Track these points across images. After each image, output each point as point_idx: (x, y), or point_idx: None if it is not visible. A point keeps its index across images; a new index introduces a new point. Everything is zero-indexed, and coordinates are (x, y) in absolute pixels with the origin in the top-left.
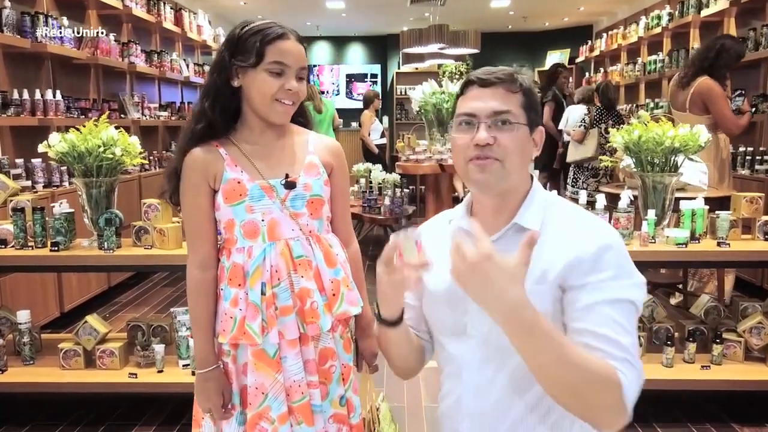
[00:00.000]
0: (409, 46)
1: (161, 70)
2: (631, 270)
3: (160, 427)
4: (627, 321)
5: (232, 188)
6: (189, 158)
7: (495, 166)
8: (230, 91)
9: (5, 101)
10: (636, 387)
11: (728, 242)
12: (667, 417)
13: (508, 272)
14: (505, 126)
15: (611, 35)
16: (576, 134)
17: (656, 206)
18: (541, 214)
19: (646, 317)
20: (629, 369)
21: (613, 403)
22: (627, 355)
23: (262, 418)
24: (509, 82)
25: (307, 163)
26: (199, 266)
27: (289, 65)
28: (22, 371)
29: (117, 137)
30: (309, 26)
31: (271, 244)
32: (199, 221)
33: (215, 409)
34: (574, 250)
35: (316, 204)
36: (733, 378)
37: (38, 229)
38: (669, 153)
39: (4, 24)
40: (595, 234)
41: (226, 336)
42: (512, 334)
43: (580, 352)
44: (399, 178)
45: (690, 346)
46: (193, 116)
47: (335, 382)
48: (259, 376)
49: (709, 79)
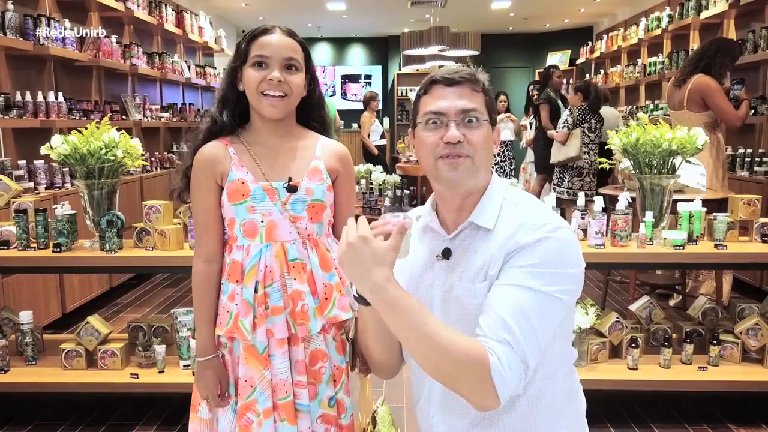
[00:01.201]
0: (409, 47)
1: (163, 72)
2: (564, 263)
3: (161, 427)
4: (532, 310)
5: (236, 188)
6: (199, 156)
7: (466, 163)
8: (237, 96)
9: (8, 103)
10: (512, 372)
11: (725, 244)
12: (664, 418)
13: (377, 254)
14: (472, 123)
15: (612, 37)
16: (559, 135)
17: (654, 208)
18: (496, 211)
19: (644, 318)
20: (506, 351)
21: (477, 381)
22: (510, 337)
23: (249, 410)
24: (473, 81)
25: (312, 168)
26: (204, 260)
27: (269, 56)
28: (25, 371)
29: (118, 139)
30: (310, 27)
31: (268, 245)
32: (206, 217)
33: (212, 397)
34: (513, 244)
35: (317, 208)
36: (730, 379)
37: (41, 231)
38: (666, 155)
39: (7, 26)
40: (538, 227)
41: (222, 328)
42: (380, 311)
43: (447, 331)
44: (399, 179)
45: (687, 347)
46: (205, 117)
47: (325, 383)
48: (249, 369)
49: (705, 75)
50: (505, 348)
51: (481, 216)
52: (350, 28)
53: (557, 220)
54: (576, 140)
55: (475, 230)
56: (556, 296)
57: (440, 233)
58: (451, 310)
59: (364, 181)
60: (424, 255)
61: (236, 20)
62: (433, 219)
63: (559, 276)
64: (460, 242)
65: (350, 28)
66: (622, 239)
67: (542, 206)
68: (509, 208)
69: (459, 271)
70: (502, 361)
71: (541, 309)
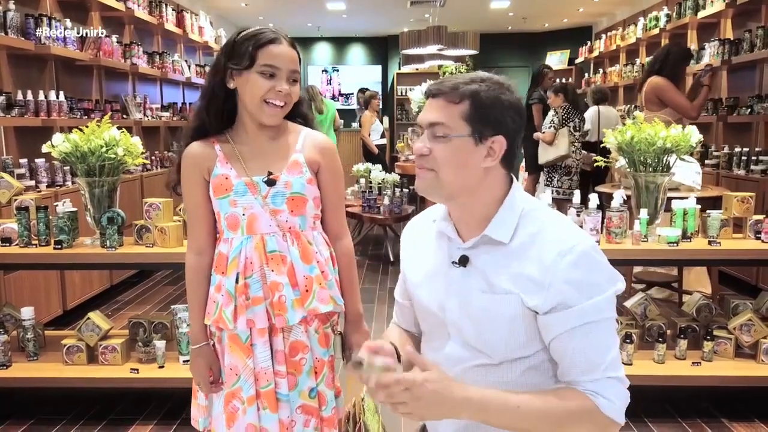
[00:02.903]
0: (408, 47)
1: (163, 71)
2: (599, 281)
3: (161, 422)
4: (601, 339)
5: (220, 183)
6: (186, 153)
7: (429, 176)
8: (225, 93)
9: (9, 102)
10: (621, 397)
11: (719, 241)
12: (658, 413)
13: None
14: (437, 138)
15: (610, 36)
16: (546, 136)
17: (649, 205)
18: (513, 225)
19: (639, 315)
20: (610, 386)
21: (597, 425)
22: (607, 373)
23: (235, 397)
24: (450, 93)
25: (292, 162)
26: (195, 252)
27: (279, 67)
28: (26, 366)
29: (119, 137)
30: (310, 27)
31: (249, 237)
32: (195, 210)
33: (203, 383)
34: (536, 264)
35: (297, 201)
36: (723, 374)
37: (42, 228)
38: (661, 153)
39: (9, 26)
40: (560, 244)
41: (210, 318)
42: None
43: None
44: (398, 178)
45: (681, 342)
46: (193, 115)
47: (305, 374)
48: (233, 357)
49: (657, 76)
50: (608, 383)
51: (497, 230)
52: (350, 27)
53: (583, 236)
54: (564, 139)
55: (491, 244)
56: (613, 316)
57: (455, 241)
58: (481, 321)
59: (363, 180)
60: (437, 258)
61: (236, 20)
62: (447, 227)
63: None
64: (478, 253)
65: (350, 27)
66: (617, 236)
67: (566, 222)
68: (527, 223)
69: (480, 282)
70: (612, 395)
71: (607, 331)
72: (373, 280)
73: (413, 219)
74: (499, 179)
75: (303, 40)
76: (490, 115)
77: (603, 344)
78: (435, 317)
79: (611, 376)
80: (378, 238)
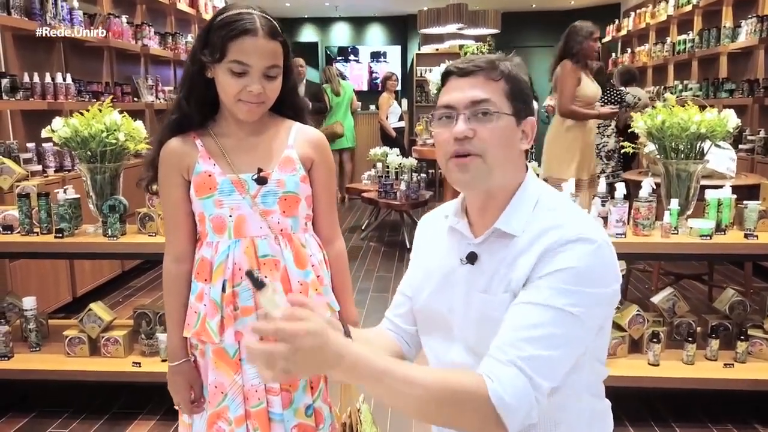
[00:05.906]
0: (426, 26)
1: (176, 53)
2: (597, 280)
3: (164, 417)
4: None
5: (202, 181)
6: (164, 150)
7: (475, 163)
8: (205, 82)
9: (14, 85)
10: (517, 397)
11: (756, 234)
12: (686, 416)
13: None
14: (485, 117)
15: (639, 14)
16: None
17: (680, 195)
18: (526, 217)
19: (667, 311)
20: (512, 375)
21: (481, 416)
22: (520, 360)
23: (220, 418)
24: (489, 69)
25: (284, 158)
26: (174, 259)
27: (250, 65)
28: (28, 357)
29: (120, 122)
30: (328, 6)
31: (237, 241)
32: (174, 214)
33: (184, 403)
34: (539, 249)
35: (290, 201)
36: (758, 377)
37: (43, 215)
38: (694, 139)
39: (12, 6)
40: (569, 236)
41: (190, 330)
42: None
43: (421, 372)
44: (416, 162)
45: (713, 342)
46: (172, 106)
47: (301, 390)
48: (219, 374)
49: (566, 61)
50: (511, 371)
51: (508, 222)
52: (368, 6)
53: (594, 229)
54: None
55: (501, 237)
56: (582, 318)
57: (467, 237)
58: (480, 324)
59: (380, 164)
60: (448, 256)
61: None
62: (460, 222)
63: (588, 296)
64: (487, 248)
65: (368, 6)
66: (645, 228)
67: (580, 213)
68: (542, 212)
69: (483, 280)
70: (505, 385)
71: (563, 331)
72: (388, 268)
73: (426, 215)
74: (523, 165)
75: (321, 20)
76: (524, 95)
77: (542, 332)
78: (442, 319)
79: (522, 367)
80: (395, 224)
